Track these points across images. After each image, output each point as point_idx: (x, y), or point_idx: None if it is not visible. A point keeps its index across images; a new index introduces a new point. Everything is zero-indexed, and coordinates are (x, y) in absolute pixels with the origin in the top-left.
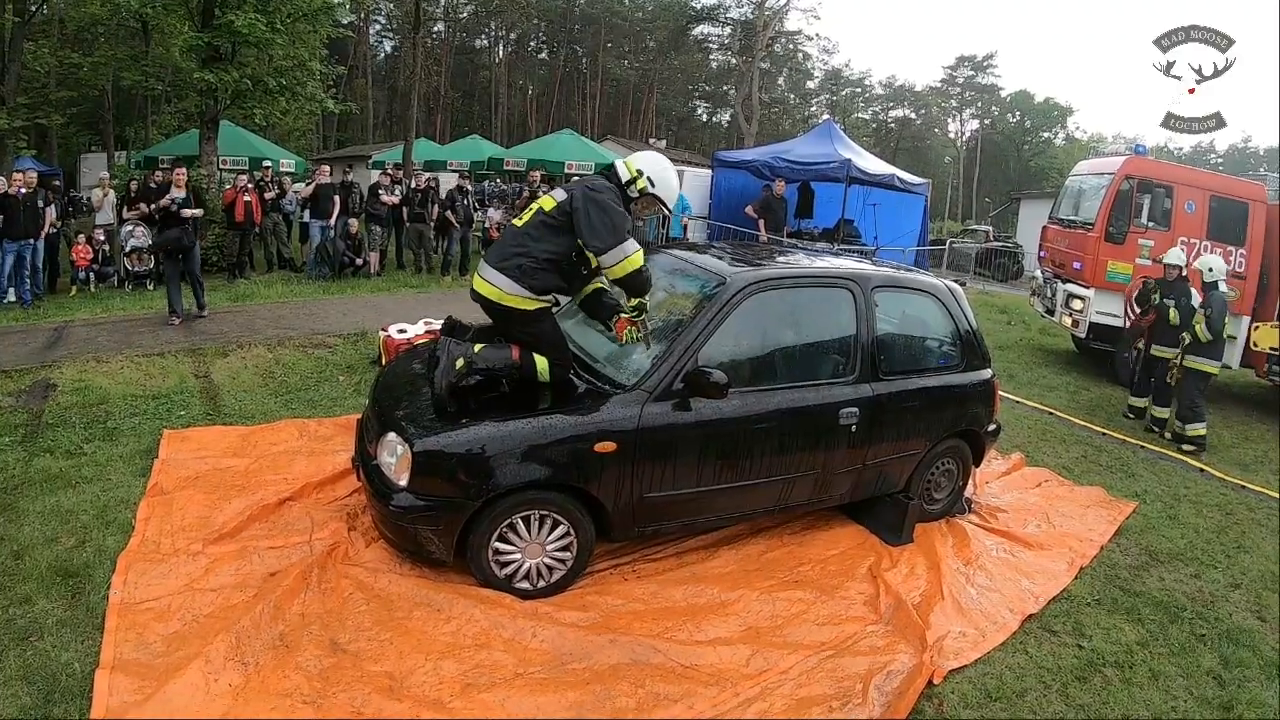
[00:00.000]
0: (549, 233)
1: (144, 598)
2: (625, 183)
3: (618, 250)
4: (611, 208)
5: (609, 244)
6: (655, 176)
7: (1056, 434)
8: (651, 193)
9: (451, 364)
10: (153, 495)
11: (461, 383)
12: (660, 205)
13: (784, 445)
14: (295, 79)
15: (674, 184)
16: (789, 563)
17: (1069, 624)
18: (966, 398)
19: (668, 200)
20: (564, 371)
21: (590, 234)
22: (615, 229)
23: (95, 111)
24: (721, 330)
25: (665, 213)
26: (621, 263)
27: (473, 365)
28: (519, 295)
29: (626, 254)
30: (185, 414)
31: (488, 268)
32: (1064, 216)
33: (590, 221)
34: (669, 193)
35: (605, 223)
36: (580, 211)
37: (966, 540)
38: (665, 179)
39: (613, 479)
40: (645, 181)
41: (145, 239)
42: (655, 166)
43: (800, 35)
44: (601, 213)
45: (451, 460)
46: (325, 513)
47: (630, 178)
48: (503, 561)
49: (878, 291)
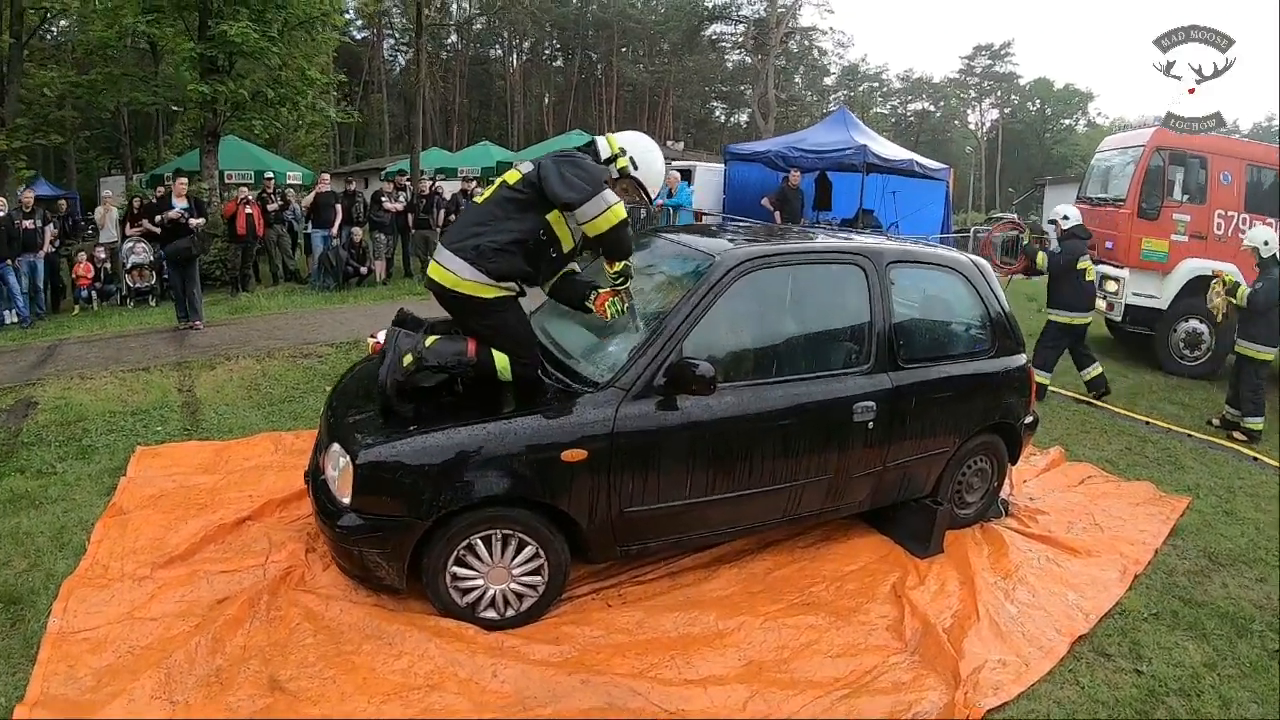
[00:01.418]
0: (513, 209)
1: (82, 626)
2: (604, 160)
3: (598, 199)
4: (586, 163)
5: (587, 193)
6: (638, 157)
7: (1096, 424)
8: (633, 175)
9: (398, 360)
10: (110, 516)
11: (410, 381)
12: (641, 192)
13: (789, 447)
14: (295, 89)
15: (658, 168)
16: (799, 582)
17: (1125, 645)
18: (999, 386)
19: (650, 186)
20: (529, 370)
21: (564, 188)
22: (592, 179)
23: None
24: (710, 316)
25: (646, 200)
26: (604, 213)
27: (422, 361)
28: (476, 281)
29: (608, 203)
30: (162, 430)
31: (443, 250)
32: (1093, 195)
33: (562, 176)
34: (652, 178)
35: (579, 174)
36: (549, 171)
37: (1004, 549)
38: (649, 161)
39: (586, 492)
40: (627, 162)
41: (146, 255)
42: (640, 146)
43: (815, 31)
44: (574, 167)
45: (397, 473)
46: (285, 533)
47: (611, 154)
48: (463, 588)
49: (894, 268)
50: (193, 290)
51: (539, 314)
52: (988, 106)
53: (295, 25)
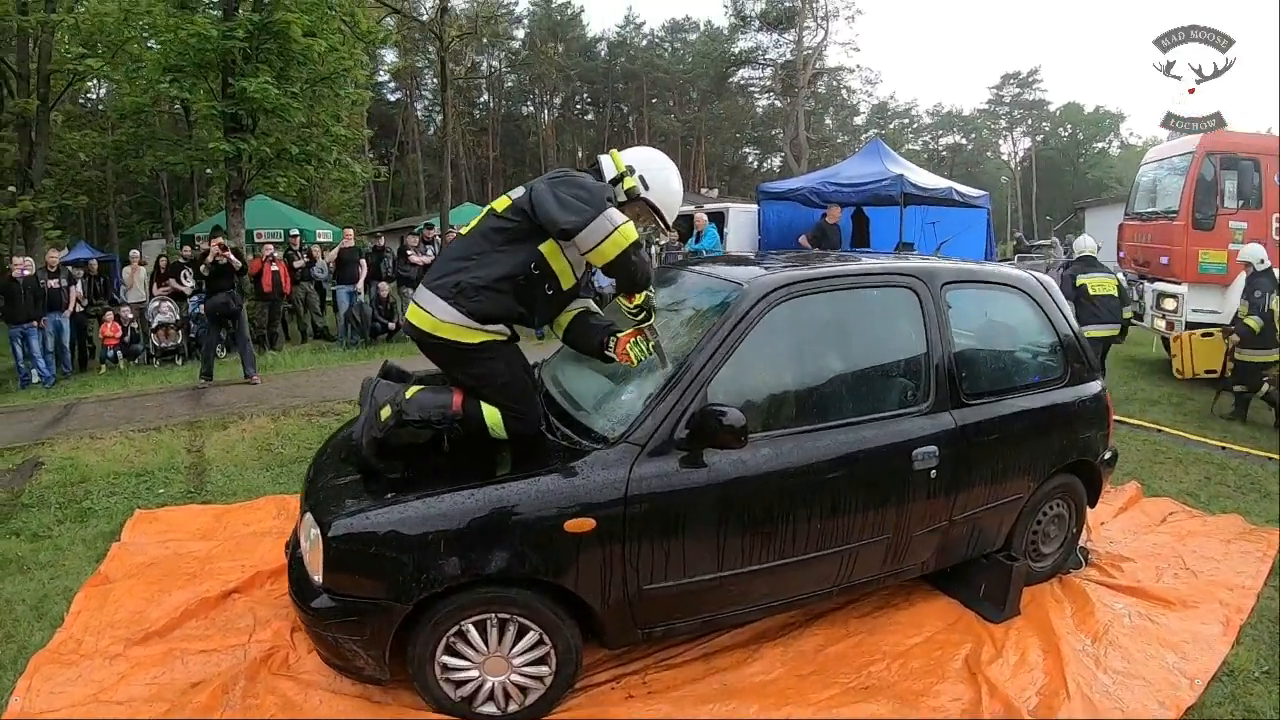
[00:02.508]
0: (500, 241)
1: (44, 709)
2: (610, 181)
3: (600, 222)
4: (584, 182)
5: (586, 216)
6: (650, 176)
7: (1170, 454)
8: (644, 198)
9: (375, 413)
10: (93, 585)
11: (391, 438)
12: (656, 217)
13: (839, 505)
14: (321, 145)
15: (674, 188)
16: (856, 660)
17: (1238, 712)
18: (1075, 419)
19: (665, 210)
20: (526, 425)
21: (559, 211)
22: (592, 199)
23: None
24: (739, 354)
25: (663, 227)
26: (610, 237)
27: (402, 415)
28: (456, 324)
29: (614, 224)
30: (164, 492)
31: (422, 289)
32: (1142, 210)
33: (557, 198)
34: (667, 199)
35: (576, 194)
36: (542, 194)
37: (1088, 605)
38: (663, 181)
39: (596, 568)
40: (636, 182)
41: (173, 314)
42: (651, 163)
43: (842, 70)
44: (571, 186)
45: (371, 548)
46: (271, 608)
47: (616, 174)
48: (456, 680)
49: (949, 290)
50: (244, 346)
51: (551, 362)
52: (1019, 135)
53: (317, 81)
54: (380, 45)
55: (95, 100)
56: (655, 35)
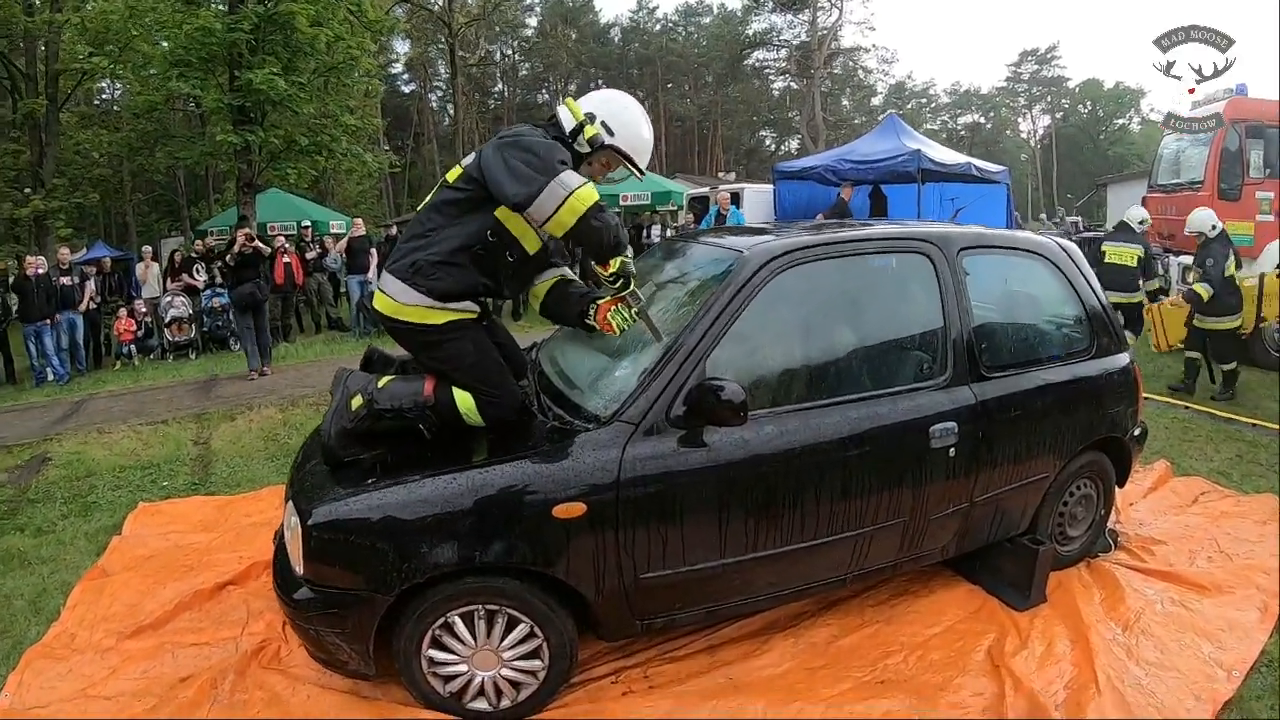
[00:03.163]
0: (455, 212)
1: (33, 704)
2: (570, 133)
3: (553, 188)
4: (535, 142)
5: (537, 185)
6: (612, 119)
7: (1200, 431)
8: (610, 144)
9: (346, 403)
10: (91, 578)
11: (361, 428)
12: (625, 163)
13: (851, 486)
14: (331, 136)
15: (643, 131)
16: (870, 653)
17: (1278, 708)
18: (1103, 394)
19: (634, 153)
20: (502, 410)
21: (510, 181)
22: (543, 163)
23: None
24: (740, 325)
25: (636, 173)
26: (566, 203)
27: (373, 404)
28: (418, 305)
29: (567, 189)
30: (169, 485)
31: (384, 273)
32: (1165, 182)
33: (506, 165)
34: (636, 143)
35: (526, 160)
36: (491, 161)
37: (1118, 591)
38: (628, 122)
39: (588, 556)
40: (598, 129)
41: (185, 309)
42: (612, 104)
43: (858, 50)
44: (519, 150)
45: (351, 536)
46: (265, 600)
47: (576, 124)
48: (444, 675)
49: (966, 256)
50: (264, 337)
51: (548, 342)
52: (1039, 113)
53: (325, 71)
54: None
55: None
56: (669, 19)
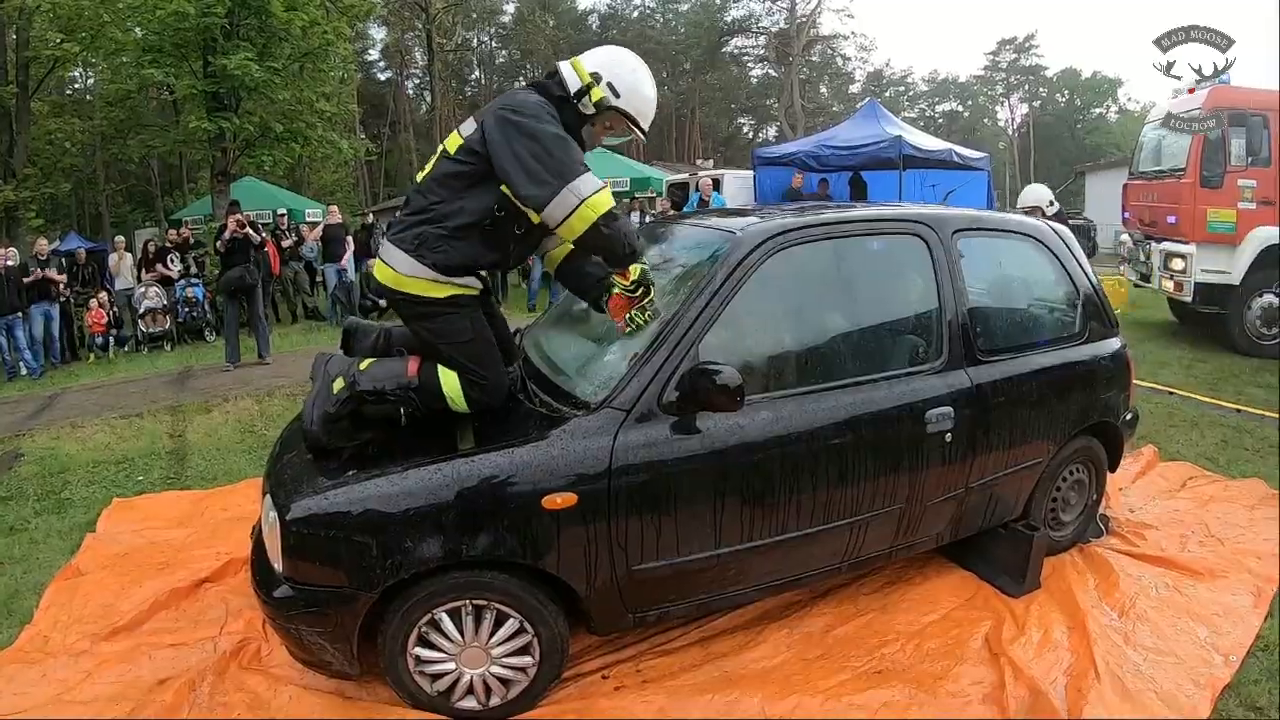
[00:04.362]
0: (460, 185)
1: (8, 710)
2: (575, 95)
3: (567, 194)
4: (545, 132)
5: (550, 189)
6: (619, 80)
7: (1185, 416)
8: (614, 105)
9: (328, 387)
10: (64, 578)
11: (344, 411)
12: (630, 125)
13: (846, 472)
14: (306, 123)
15: (647, 92)
16: (867, 641)
17: (1277, 690)
18: (1095, 378)
19: (639, 116)
20: (486, 394)
21: (523, 180)
22: (557, 165)
23: (146, 189)
24: (733, 308)
25: (639, 134)
26: (577, 210)
27: (355, 386)
28: (420, 278)
29: (581, 196)
30: (144, 479)
31: (385, 243)
32: (1147, 170)
33: (517, 159)
34: (641, 105)
35: (537, 154)
36: (498, 145)
37: (1112, 576)
38: (634, 84)
39: (579, 548)
40: (604, 90)
41: (159, 300)
42: (618, 65)
43: (836, 38)
44: (528, 140)
45: (332, 531)
46: (244, 597)
47: (582, 86)
48: (431, 673)
49: (961, 238)
50: (261, 325)
51: (532, 329)
52: (1016, 101)
53: (300, 57)
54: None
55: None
56: (646, 6)
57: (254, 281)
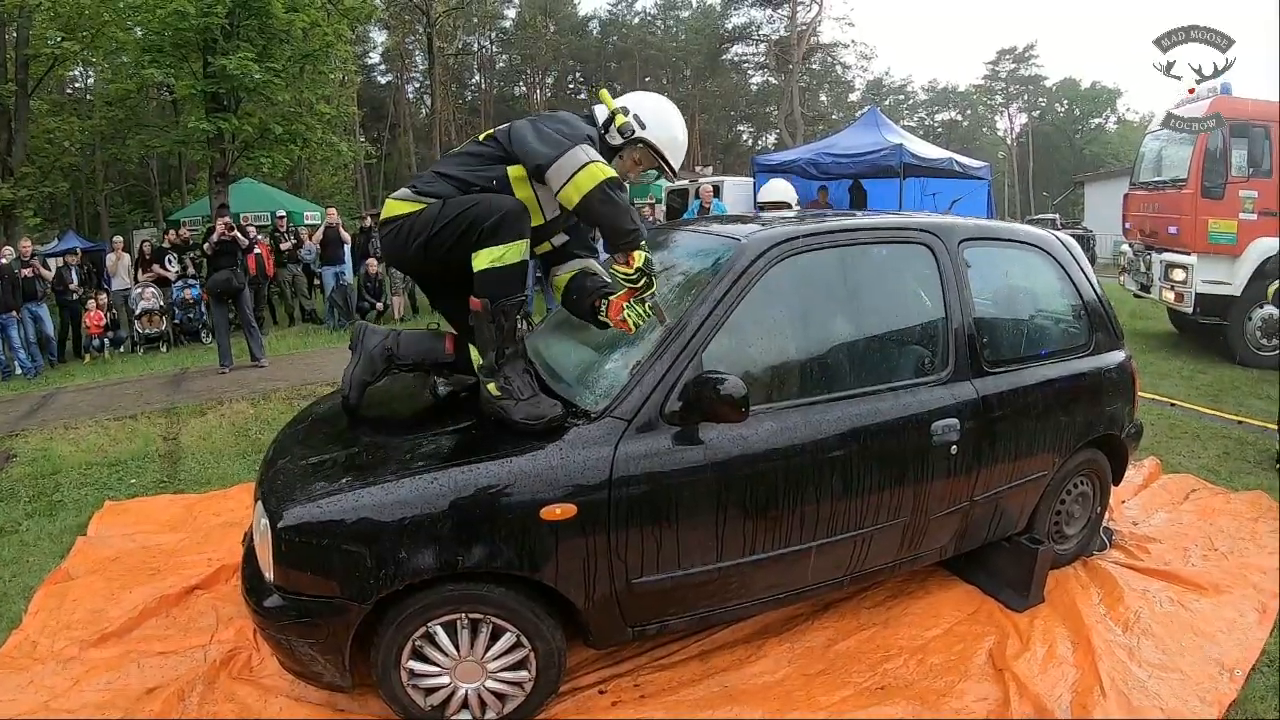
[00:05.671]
0: (474, 161)
1: None
2: (603, 124)
3: (575, 152)
4: (566, 117)
5: (561, 148)
6: (647, 115)
7: (1187, 429)
8: (640, 136)
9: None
10: (53, 582)
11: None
12: (658, 158)
13: (851, 485)
14: (305, 124)
15: (676, 131)
16: (870, 656)
17: None
18: (1101, 390)
19: (666, 150)
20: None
21: (536, 143)
22: (572, 132)
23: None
24: (737, 317)
25: (667, 172)
26: (579, 172)
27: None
28: (404, 200)
29: (581, 161)
30: (136, 482)
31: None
32: (1148, 180)
33: (536, 130)
34: (669, 140)
35: (555, 128)
36: (522, 127)
37: (1116, 590)
38: (661, 118)
39: (578, 560)
40: (630, 120)
41: (155, 300)
42: (648, 103)
43: (837, 46)
44: (553, 120)
45: (324, 540)
46: (236, 604)
47: (608, 115)
48: (425, 687)
49: (967, 247)
50: (252, 327)
51: (534, 335)
52: (1015, 111)
53: (300, 58)
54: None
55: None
56: (647, 13)
57: (241, 284)
